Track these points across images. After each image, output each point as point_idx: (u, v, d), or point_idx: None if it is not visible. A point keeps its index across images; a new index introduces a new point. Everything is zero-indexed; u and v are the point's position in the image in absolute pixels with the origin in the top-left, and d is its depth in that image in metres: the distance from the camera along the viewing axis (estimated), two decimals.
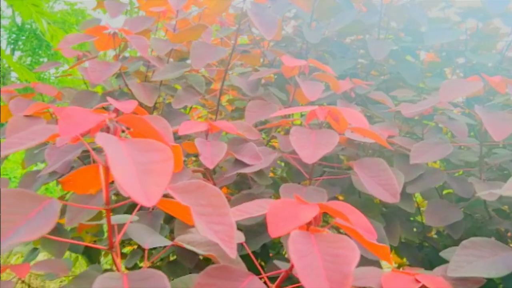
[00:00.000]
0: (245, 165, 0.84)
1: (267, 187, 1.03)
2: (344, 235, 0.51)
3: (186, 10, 1.27)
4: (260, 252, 1.19)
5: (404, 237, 1.14)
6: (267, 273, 0.64)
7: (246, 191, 0.95)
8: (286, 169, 1.38)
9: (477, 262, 0.64)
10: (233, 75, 1.12)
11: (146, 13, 1.31)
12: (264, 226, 0.96)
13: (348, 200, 1.04)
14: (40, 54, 6.75)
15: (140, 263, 1.35)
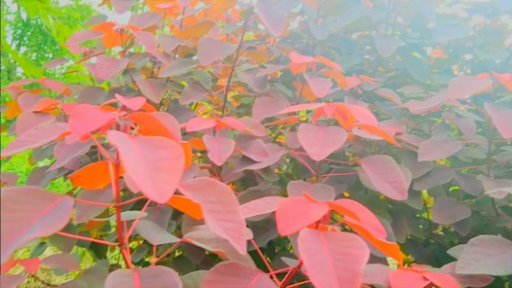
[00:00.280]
0: (252, 161, 0.84)
1: (274, 183, 1.03)
2: (354, 234, 0.51)
3: (192, 7, 1.26)
4: (266, 248, 1.19)
5: (410, 234, 1.14)
6: (274, 268, 0.64)
7: (253, 188, 0.95)
8: (291, 165, 1.38)
9: (485, 260, 0.64)
10: (240, 72, 1.11)
11: (152, 9, 1.31)
12: (271, 223, 0.97)
13: (354, 197, 1.04)
14: (45, 50, 6.76)
15: (145, 258, 1.36)
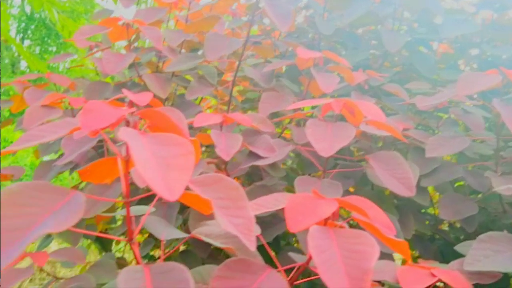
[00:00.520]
0: (259, 157, 0.84)
1: (280, 178, 1.03)
2: (362, 230, 0.51)
3: (198, 1, 1.26)
4: (272, 242, 1.19)
5: (415, 229, 1.14)
6: (280, 263, 0.64)
7: (260, 183, 0.95)
8: (296, 160, 1.38)
9: (494, 256, 0.64)
10: (246, 66, 1.11)
11: (157, 3, 1.30)
12: (277, 218, 0.97)
13: (360, 192, 1.04)
14: (49, 43, 6.77)
15: (150, 252, 1.36)
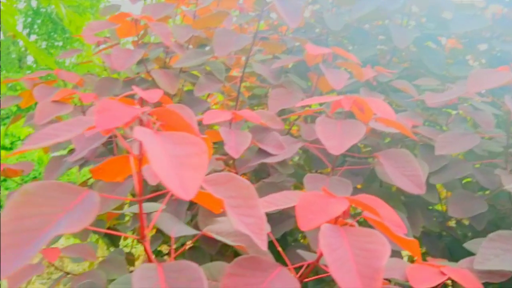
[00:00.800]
0: (268, 154, 0.84)
1: (288, 175, 1.03)
2: (373, 229, 0.51)
3: None
4: (279, 239, 1.20)
5: (422, 225, 1.13)
6: (288, 259, 0.64)
7: (268, 180, 0.95)
8: (304, 156, 1.38)
9: (504, 255, 0.64)
10: (254, 63, 1.11)
11: None
12: (285, 214, 0.97)
13: (368, 189, 1.04)
14: (55, 38, 6.78)
15: (158, 247, 1.37)
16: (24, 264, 0.33)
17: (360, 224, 0.83)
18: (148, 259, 0.52)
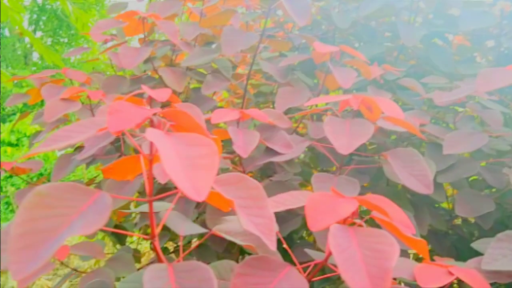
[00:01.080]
0: (275, 153, 0.84)
1: (294, 173, 1.03)
2: (382, 230, 0.51)
3: None
4: (286, 237, 1.20)
5: (429, 224, 1.13)
6: (295, 257, 0.65)
7: (275, 179, 0.95)
8: (309, 154, 1.38)
9: None
10: (261, 61, 1.11)
11: None
12: (292, 213, 0.97)
13: (375, 188, 1.04)
14: (60, 35, 6.80)
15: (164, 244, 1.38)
16: (39, 266, 0.33)
17: (367, 222, 0.83)
18: (158, 259, 0.52)
